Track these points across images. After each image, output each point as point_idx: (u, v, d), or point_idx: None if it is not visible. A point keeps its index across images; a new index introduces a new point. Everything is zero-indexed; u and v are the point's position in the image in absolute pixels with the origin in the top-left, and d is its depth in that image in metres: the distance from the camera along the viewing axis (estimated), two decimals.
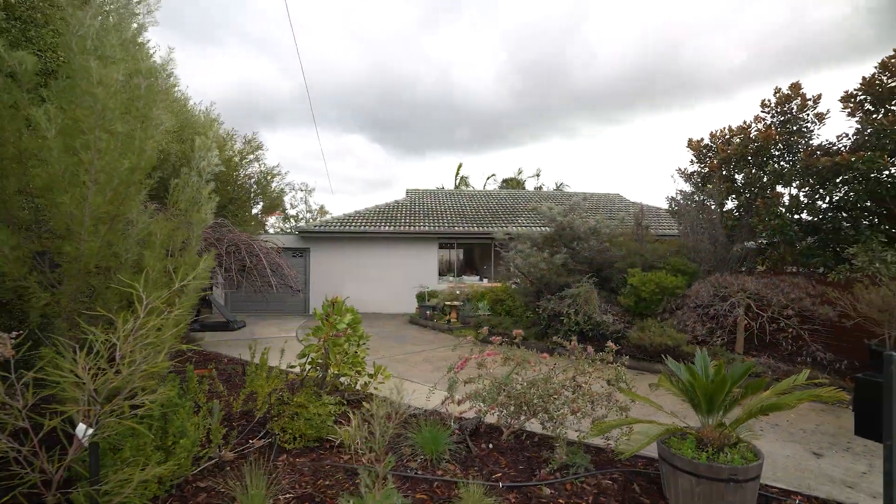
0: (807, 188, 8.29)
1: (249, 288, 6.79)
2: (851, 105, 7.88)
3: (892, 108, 7.48)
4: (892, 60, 7.49)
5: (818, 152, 8.16)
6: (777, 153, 9.05)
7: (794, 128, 8.79)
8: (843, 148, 7.93)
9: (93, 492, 2.22)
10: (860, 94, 7.83)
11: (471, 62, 42.70)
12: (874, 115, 7.64)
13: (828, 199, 7.92)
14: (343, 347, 4.34)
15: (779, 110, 9.05)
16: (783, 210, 8.29)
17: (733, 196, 9.95)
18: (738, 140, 9.74)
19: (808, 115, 8.72)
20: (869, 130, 7.49)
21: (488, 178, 36.64)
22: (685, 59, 42.82)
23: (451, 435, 3.79)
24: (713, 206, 9.94)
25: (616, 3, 43.68)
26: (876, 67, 7.62)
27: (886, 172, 7.09)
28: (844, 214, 7.79)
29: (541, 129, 52.68)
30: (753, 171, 9.34)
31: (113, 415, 2.20)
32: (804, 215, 8.40)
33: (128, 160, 2.59)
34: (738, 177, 9.89)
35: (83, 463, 2.47)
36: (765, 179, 9.10)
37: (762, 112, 9.36)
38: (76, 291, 2.76)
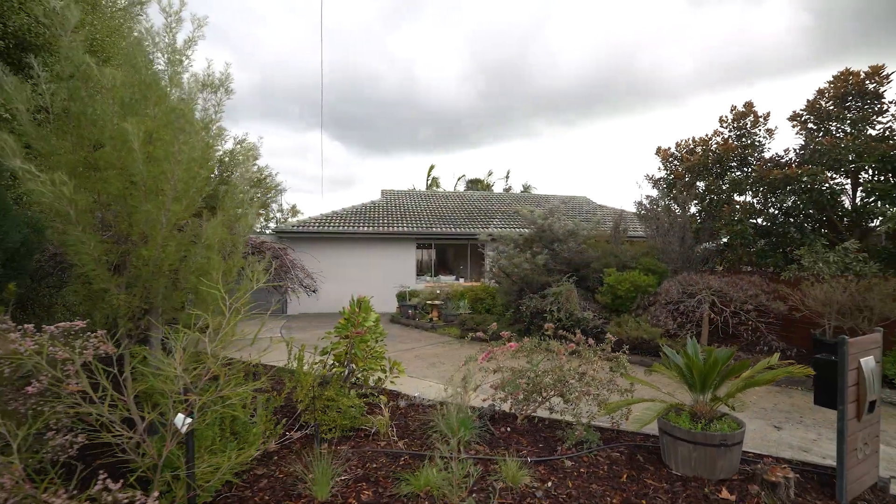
0: (760, 196, 9.29)
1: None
2: (798, 123, 8.92)
3: (831, 128, 8.55)
4: (829, 87, 8.56)
5: (770, 164, 9.16)
6: (734, 164, 10.05)
7: (748, 141, 9.81)
8: (791, 161, 8.97)
9: (188, 476, 2.47)
10: (804, 114, 8.88)
11: (434, 61, 43.20)
12: (816, 133, 8.70)
13: (778, 206, 8.92)
14: (368, 343, 4.66)
15: (735, 125, 10.05)
16: (745, 216, 9.24)
17: (696, 201, 10.92)
18: (700, 150, 10.71)
19: (760, 130, 9.75)
20: (812, 147, 8.53)
21: (459, 179, 37.27)
22: (640, 67, 45.20)
23: (472, 422, 4.20)
24: (678, 211, 10.87)
25: (575, 10, 45.56)
26: (816, 93, 8.67)
27: (826, 185, 8.12)
28: (792, 220, 8.81)
29: (504, 130, 54.03)
30: (714, 179, 10.32)
31: (211, 405, 2.46)
32: (759, 221, 9.39)
33: (204, 170, 2.83)
34: (701, 184, 10.86)
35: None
36: (724, 187, 10.08)
37: (720, 127, 10.34)
38: (146, 292, 2.94)
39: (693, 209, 11.17)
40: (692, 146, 11.16)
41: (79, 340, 2.43)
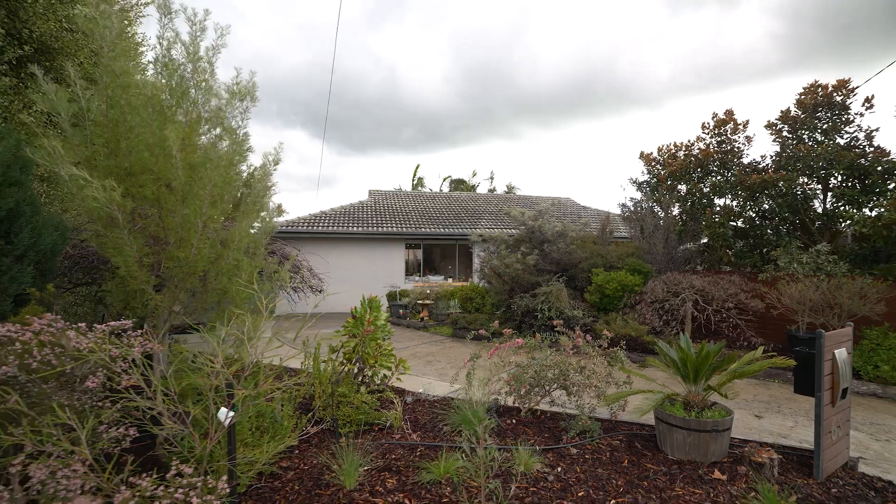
0: (739, 199, 9.80)
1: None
2: (774, 131, 9.45)
3: (803, 136, 9.10)
4: (802, 98, 9.11)
5: (748, 169, 9.68)
6: (715, 168, 10.56)
7: (729, 147, 10.32)
8: (768, 166, 9.50)
9: (230, 465, 2.63)
10: (779, 122, 9.42)
11: (417, 62, 43.32)
12: (791, 141, 9.24)
13: (756, 209, 9.44)
14: (378, 341, 4.84)
15: (716, 132, 10.56)
16: (724, 219, 9.73)
17: (678, 204, 11.40)
18: (682, 155, 11.19)
19: (739, 136, 10.27)
20: (786, 153, 9.07)
21: (444, 180, 37.53)
22: (620, 71, 46.27)
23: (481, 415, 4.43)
24: (661, 213, 11.33)
25: (556, 15, 46.41)
26: (792, 104, 9.21)
27: (800, 190, 8.65)
28: (769, 223, 9.33)
29: (486, 130, 54.58)
30: (695, 182, 10.81)
31: (251, 399, 2.63)
32: (738, 223, 9.90)
33: (238, 176, 2.97)
34: (682, 187, 11.35)
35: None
36: (705, 190, 10.57)
37: (703, 133, 10.84)
38: (178, 293, 3.07)
39: (675, 211, 11.65)
40: (674, 151, 11.64)
41: (122, 339, 2.56)
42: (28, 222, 2.93)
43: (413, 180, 35.05)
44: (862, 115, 8.72)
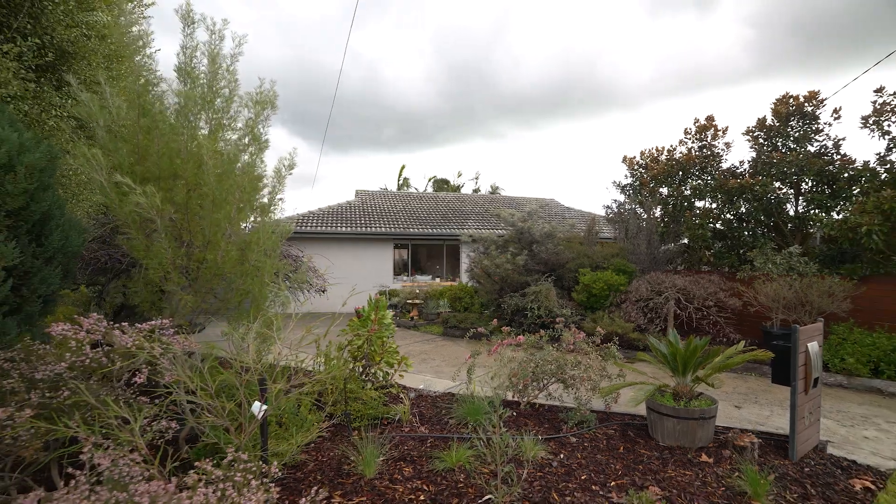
0: (718, 202, 10.31)
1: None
2: (751, 138, 9.98)
3: (777, 144, 9.64)
4: (776, 107, 9.65)
5: (727, 174, 10.19)
6: (695, 172, 11.06)
7: (709, 152, 10.83)
8: (745, 171, 10.02)
9: (263, 454, 2.81)
10: (756, 130, 9.95)
11: (399, 61, 43.20)
12: (766, 148, 9.78)
13: (734, 212, 9.95)
14: (384, 339, 5.04)
15: (698, 137, 11.06)
16: (704, 221, 10.21)
17: (660, 206, 11.88)
18: (664, 159, 11.67)
19: (719, 142, 10.79)
20: (762, 160, 9.60)
21: (430, 181, 37.73)
22: (600, 73, 47.23)
23: (484, 408, 4.67)
24: (644, 215, 11.79)
25: (537, 16, 47.04)
26: (768, 113, 9.75)
27: (774, 195, 9.18)
28: (745, 225, 9.85)
29: (468, 130, 54.97)
30: (677, 186, 11.29)
31: (284, 394, 2.80)
32: (717, 225, 10.41)
33: (262, 182, 3.13)
34: (664, 190, 11.83)
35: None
36: (686, 193, 11.07)
37: (685, 137, 11.34)
38: (205, 292, 3.21)
39: (658, 213, 12.13)
40: (656, 155, 12.12)
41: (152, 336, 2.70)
42: (58, 225, 3.02)
43: (399, 180, 35.13)
44: (830, 124, 9.31)
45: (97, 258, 4.23)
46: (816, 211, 9.20)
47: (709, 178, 10.74)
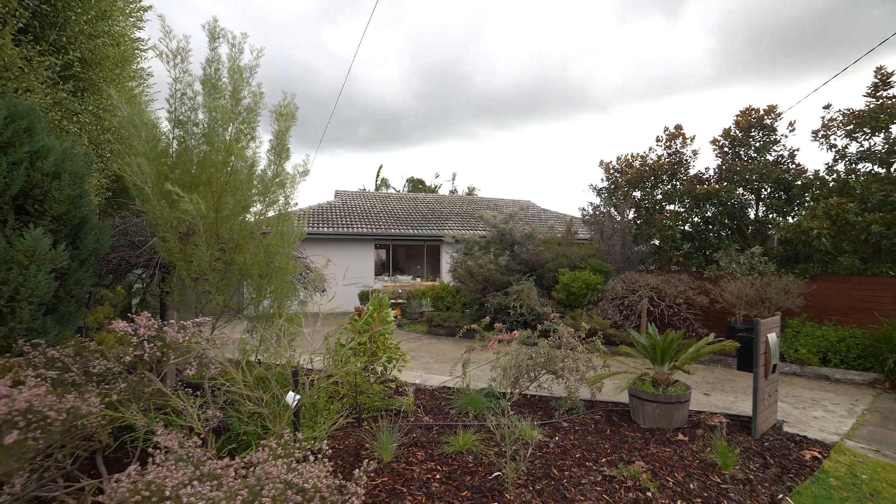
0: (686, 206, 11.05)
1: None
2: (717, 147, 10.76)
3: (740, 152, 10.44)
4: (739, 119, 10.45)
5: (695, 180, 10.93)
6: (666, 178, 11.79)
7: (678, 159, 11.57)
8: (711, 178, 10.78)
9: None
10: (722, 139, 10.73)
11: (373, 59, 43.15)
12: (730, 156, 10.57)
13: (701, 216, 10.70)
14: (385, 336, 5.32)
15: (667, 145, 11.79)
16: (674, 223, 10.93)
17: (634, 209, 12.58)
18: (637, 164, 12.37)
19: (687, 150, 11.55)
20: (726, 167, 10.38)
21: (407, 181, 37.95)
22: (572, 76, 48.53)
23: (482, 399, 5.04)
24: (618, 218, 12.45)
25: (510, 18, 47.92)
26: (732, 124, 10.54)
27: (737, 200, 9.95)
28: (711, 227, 10.61)
29: (443, 130, 55.44)
30: (649, 190, 12.01)
31: (320, 383, 3.07)
32: (686, 227, 11.15)
33: (289, 188, 3.37)
34: (637, 194, 12.54)
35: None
36: (657, 197, 11.78)
37: (656, 144, 12.06)
38: (232, 292, 3.42)
39: (631, 215, 12.83)
40: (630, 160, 12.82)
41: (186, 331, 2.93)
42: (91, 229, 3.18)
43: (377, 181, 35.16)
44: (786, 136, 10.16)
45: (108, 260, 4.34)
46: (774, 215, 10.03)
47: (678, 183, 11.48)
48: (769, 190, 10.11)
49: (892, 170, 8.35)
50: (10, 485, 1.91)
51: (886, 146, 8.29)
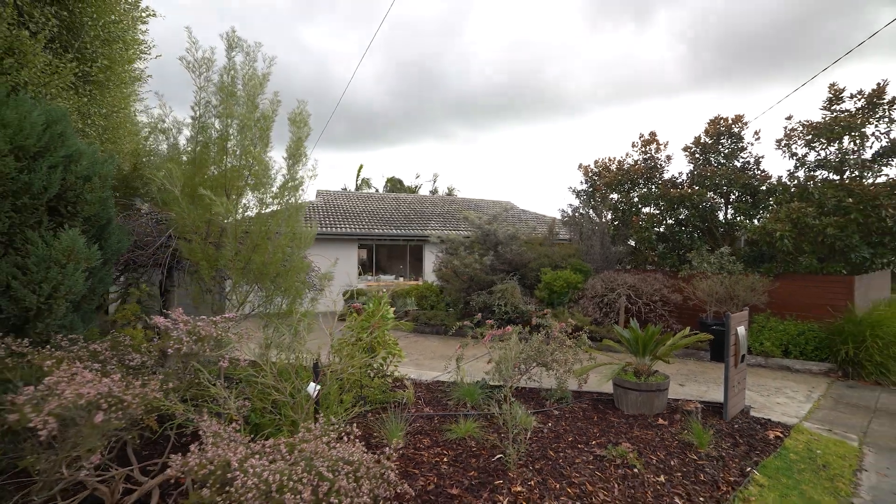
0: (661, 209, 11.66)
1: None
2: (688, 153, 11.41)
3: (710, 159, 11.11)
4: (709, 127, 11.12)
5: (669, 184, 11.56)
6: (642, 182, 12.39)
7: (653, 164, 12.19)
8: (684, 182, 11.42)
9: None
10: (693, 146, 11.38)
11: (350, 58, 42.93)
12: (701, 162, 11.23)
13: (675, 218, 11.32)
14: (384, 332, 5.56)
15: (643, 150, 12.40)
16: (649, 225, 11.51)
17: (612, 211, 13.15)
18: (615, 168, 12.95)
19: (661, 155, 12.18)
20: (697, 172, 11.03)
21: (388, 182, 38.01)
22: (546, 79, 49.62)
23: (477, 391, 5.34)
24: (597, 219, 13.00)
25: (487, 19, 48.59)
26: (702, 132, 11.20)
27: (708, 203, 10.60)
28: (684, 229, 11.24)
29: (420, 129, 55.74)
30: (626, 193, 12.59)
31: (338, 374, 3.30)
32: (660, 229, 11.77)
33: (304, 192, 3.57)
34: (615, 196, 13.12)
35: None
36: (634, 200, 12.37)
37: (632, 150, 12.66)
38: (251, 290, 3.59)
39: (609, 217, 13.40)
40: (608, 164, 13.40)
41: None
42: (114, 229, 3.31)
43: (357, 180, 35.10)
44: (752, 144, 10.88)
45: (117, 259, 4.42)
46: (742, 218, 10.73)
47: (653, 186, 12.09)
48: (737, 194, 10.80)
49: (844, 177, 9.11)
50: (89, 460, 2.08)
51: (840, 156, 9.04)
